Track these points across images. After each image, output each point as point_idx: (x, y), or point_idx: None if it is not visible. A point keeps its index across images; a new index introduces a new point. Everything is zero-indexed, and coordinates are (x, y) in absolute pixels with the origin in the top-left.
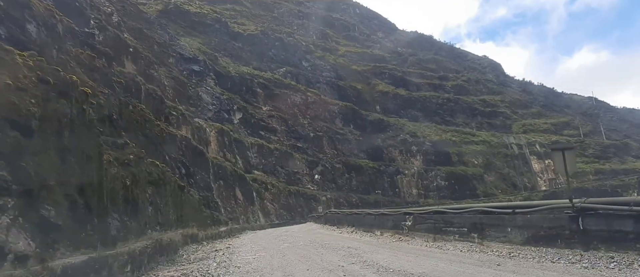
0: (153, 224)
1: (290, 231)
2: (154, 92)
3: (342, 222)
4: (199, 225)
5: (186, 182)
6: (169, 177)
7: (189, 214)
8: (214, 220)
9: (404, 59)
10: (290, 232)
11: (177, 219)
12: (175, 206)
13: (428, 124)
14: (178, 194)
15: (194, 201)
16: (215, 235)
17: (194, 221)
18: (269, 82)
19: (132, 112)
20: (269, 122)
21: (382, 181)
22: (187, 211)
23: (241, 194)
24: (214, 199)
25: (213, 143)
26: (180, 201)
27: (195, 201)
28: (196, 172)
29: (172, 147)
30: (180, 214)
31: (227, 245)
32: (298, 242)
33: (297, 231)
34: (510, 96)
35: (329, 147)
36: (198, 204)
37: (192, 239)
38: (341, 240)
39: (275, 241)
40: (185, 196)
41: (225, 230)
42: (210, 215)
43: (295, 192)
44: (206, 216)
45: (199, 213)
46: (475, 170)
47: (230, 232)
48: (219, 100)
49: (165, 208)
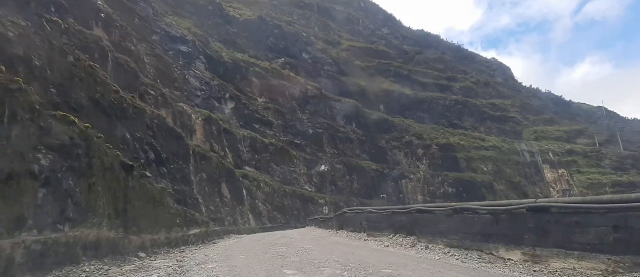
0: (46, 218)
1: (289, 237)
2: (126, 63)
3: (379, 227)
4: (158, 225)
5: (156, 172)
6: (99, 147)
7: (141, 209)
8: (187, 220)
9: (410, 57)
10: (290, 240)
11: (116, 214)
12: (112, 195)
13: (435, 126)
14: (120, 178)
15: (154, 192)
16: (180, 240)
17: (149, 219)
18: (266, 72)
19: (74, 66)
20: (264, 115)
21: (385, 184)
22: (138, 204)
23: (228, 191)
24: (192, 194)
25: (199, 132)
26: (123, 189)
27: (155, 192)
28: (171, 160)
29: (136, 124)
30: (122, 207)
31: (178, 259)
32: (318, 262)
33: (299, 238)
34: (520, 101)
35: (329, 145)
36: (161, 197)
37: (125, 246)
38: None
39: (269, 256)
40: (134, 182)
41: (197, 233)
42: (182, 213)
43: (291, 192)
44: (174, 213)
45: (161, 209)
46: (484, 177)
47: (205, 236)
48: (208, 85)
49: (88, 196)
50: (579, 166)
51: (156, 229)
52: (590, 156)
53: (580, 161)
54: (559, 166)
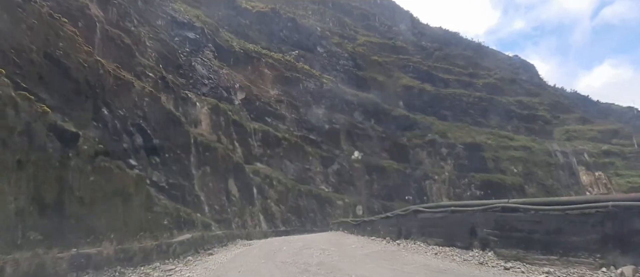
0: None
1: (319, 248)
2: (119, 39)
3: (474, 234)
4: (129, 228)
5: (146, 161)
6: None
7: (97, 204)
8: (181, 221)
9: (429, 53)
10: (328, 257)
11: (41, 212)
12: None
13: (459, 124)
14: (53, 156)
15: (125, 181)
16: (159, 251)
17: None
18: (279, 63)
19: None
20: (277, 108)
21: (408, 186)
22: (94, 197)
23: (237, 188)
24: (192, 190)
25: (205, 122)
26: (58, 174)
27: (126, 181)
28: (166, 149)
29: (118, 99)
30: (55, 201)
31: None
32: None
33: (343, 254)
34: (549, 99)
35: (347, 142)
36: (136, 189)
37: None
38: None
39: None
40: (84, 165)
41: (187, 240)
42: (174, 212)
43: (307, 192)
44: (160, 212)
45: (137, 206)
46: (514, 179)
47: (200, 243)
48: (217, 74)
49: None
50: (617, 168)
51: (124, 233)
52: (629, 157)
53: (618, 163)
54: (596, 168)
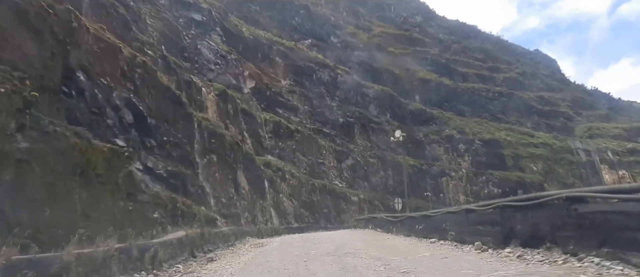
0: None
1: (361, 251)
2: (113, 8)
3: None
4: (87, 224)
5: (138, 142)
6: None
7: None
8: (177, 214)
9: (447, 46)
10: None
11: None
12: None
13: (477, 120)
14: None
15: (94, 157)
16: (122, 257)
17: (69, 211)
18: (291, 52)
19: None
20: (289, 99)
21: (424, 182)
22: (35, 173)
23: (247, 181)
24: (196, 180)
25: (211, 109)
26: None
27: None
28: (164, 130)
29: (105, 67)
30: None
31: None
32: None
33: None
34: (572, 95)
35: (361, 137)
36: (109, 169)
37: None
38: None
39: None
40: None
41: (176, 240)
42: (168, 203)
43: (321, 187)
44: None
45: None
46: (534, 177)
47: (199, 243)
48: (225, 60)
49: None
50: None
51: (73, 229)
52: None
53: None
54: (620, 167)
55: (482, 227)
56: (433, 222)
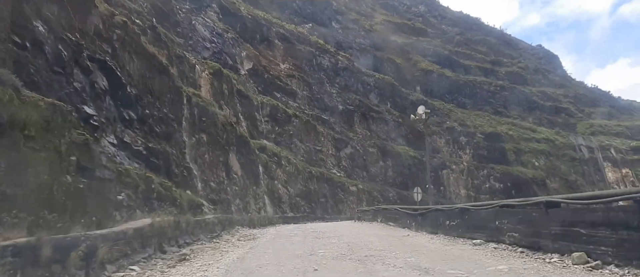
0: None
1: (386, 255)
2: None
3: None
4: None
5: (115, 113)
6: None
7: None
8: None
9: (450, 38)
10: None
11: None
12: None
13: (479, 113)
14: None
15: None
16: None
17: None
18: (291, 35)
19: None
20: (287, 83)
21: (424, 174)
22: None
23: (239, 165)
24: (182, 160)
25: (204, 88)
26: None
27: (29, 112)
28: (147, 103)
29: (70, 20)
30: None
31: None
32: None
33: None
34: (574, 91)
35: (361, 125)
36: (47, 130)
37: None
38: None
39: None
40: None
41: (137, 229)
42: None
43: (318, 175)
44: (109, 181)
45: (49, 166)
46: (536, 173)
47: (173, 234)
48: (221, 38)
49: None
50: None
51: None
52: None
53: None
54: (623, 165)
55: (586, 230)
56: (476, 218)
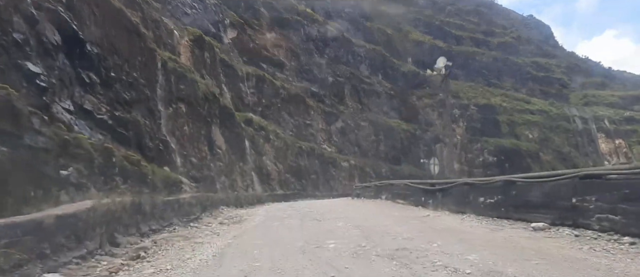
0: None
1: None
2: None
3: None
4: None
5: (71, 76)
6: None
7: None
8: (111, 173)
9: (441, 7)
10: None
11: None
12: None
13: (472, 84)
14: None
15: None
16: None
17: None
18: (277, 2)
19: None
20: (274, 53)
21: (417, 148)
22: None
23: (224, 139)
24: (158, 132)
25: (184, 55)
26: None
27: None
28: (112, 65)
29: None
30: None
31: None
32: None
33: None
34: (566, 61)
35: (352, 98)
36: None
37: None
38: None
39: None
40: None
41: (49, 220)
42: (101, 157)
43: (309, 150)
44: (47, 151)
45: None
46: (529, 145)
47: (130, 221)
48: (202, 4)
49: None
50: (639, 136)
51: None
52: None
53: None
54: (616, 136)
55: None
56: (530, 193)
